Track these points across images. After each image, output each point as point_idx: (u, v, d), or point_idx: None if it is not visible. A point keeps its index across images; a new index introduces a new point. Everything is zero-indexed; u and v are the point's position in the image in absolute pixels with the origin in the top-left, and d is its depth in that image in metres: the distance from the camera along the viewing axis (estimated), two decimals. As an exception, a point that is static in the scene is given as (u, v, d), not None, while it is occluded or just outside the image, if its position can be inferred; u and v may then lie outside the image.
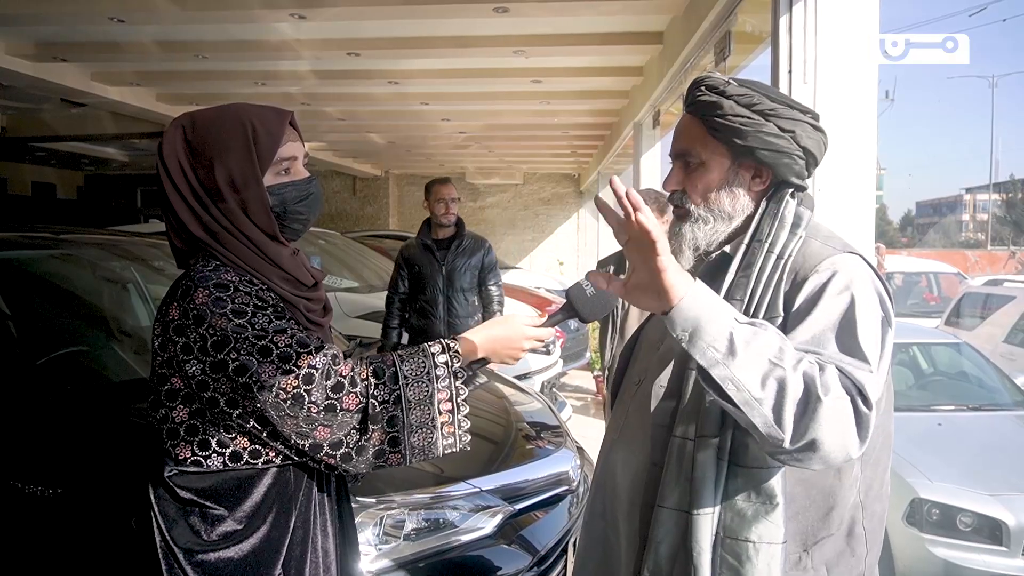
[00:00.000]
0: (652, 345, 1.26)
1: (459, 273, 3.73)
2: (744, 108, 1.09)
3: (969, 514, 3.11)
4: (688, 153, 1.16)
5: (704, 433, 1.05)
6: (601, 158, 10.40)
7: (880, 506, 1.14)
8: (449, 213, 3.74)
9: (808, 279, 1.05)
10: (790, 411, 0.91)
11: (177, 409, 1.13)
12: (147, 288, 2.85)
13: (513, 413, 2.68)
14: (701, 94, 1.13)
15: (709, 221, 1.15)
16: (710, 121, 1.11)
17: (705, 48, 3.56)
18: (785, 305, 1.06)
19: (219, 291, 1.10)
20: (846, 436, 0.93)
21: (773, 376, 0.92)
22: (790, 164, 1.11)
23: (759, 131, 1.09)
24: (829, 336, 1.00)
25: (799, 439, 0.92)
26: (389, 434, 1.10)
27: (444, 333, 3.73)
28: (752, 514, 1.03)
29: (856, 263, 1.07)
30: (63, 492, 1.68)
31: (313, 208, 1.25)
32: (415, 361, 1.14)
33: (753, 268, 1.08)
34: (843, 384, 0.94)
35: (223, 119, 1.18)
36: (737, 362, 0.93)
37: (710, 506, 1.03)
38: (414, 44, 5.07)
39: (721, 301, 0.99)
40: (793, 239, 1.09)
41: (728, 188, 1.14)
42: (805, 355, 0.96)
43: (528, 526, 2.05)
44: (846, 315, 1.01)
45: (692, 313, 0.95)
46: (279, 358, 1.07)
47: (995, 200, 43.54)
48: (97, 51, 5.34)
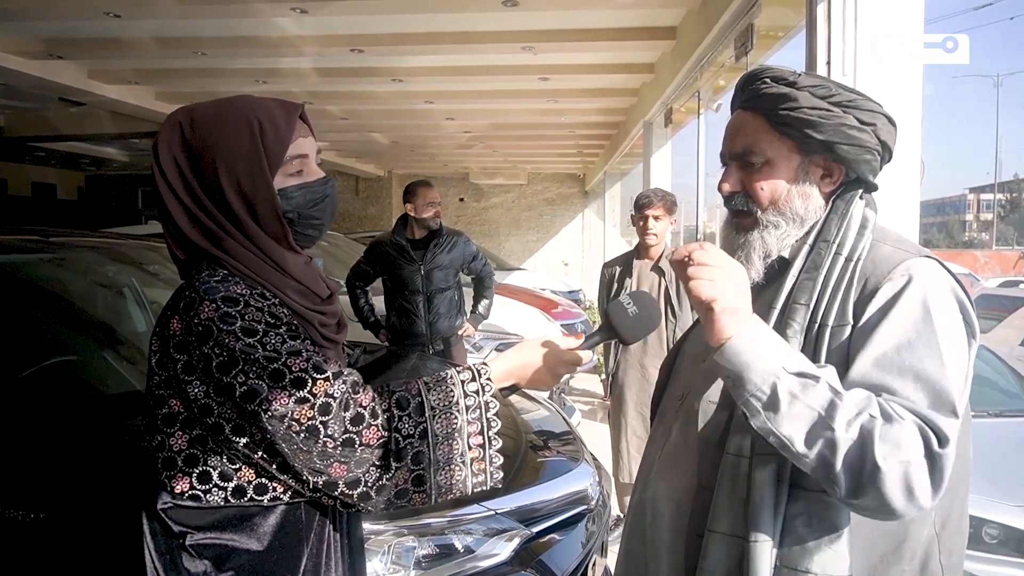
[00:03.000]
0: (696, 358, 1.16)
1: (439, 272, 3.73)
2: (821, 100, 1.00)
3: (995, 526, 2.99)
4: (750, 152, 1.06)
5: (762, 450, 0.96)
6: (608, 158, 10.32)
7: (960, 540, 1.04)
8: (438, 216, 3.74)
9: (881, 287, 0.96)
10: (841, 471, 0.86)
11: (176, 436, 1.01)
12: (144, 293, 2.73)
13: (521, 423, 2.55)
14: (767, 86, 1.03)
15: (780, 226, 1.05)
16: (777, 115, 1.02)
17: (724, 42, 3.44)
18: (855, 314, 0.97)
19: (227, 305, 0.97)
20: (916, 492, 0.85)
21: (821, 436, 0.87)
22: (870, 160, 1.03)
23: (841, 124, 1.00)
24: (907, 360, 0.90)
25: (858, 496, 0.87)
26: (414, 472, 0.98)
27: (426, 333, 3.73)
28: (814, 543, 0.94)
29: (933, 268, 0.98)
30: (46, 517, 1.55)
31: (329, 212, 1.12)
32: (443, 389, 1.02)
33: (820, 270, 0.99)
34: (920, 431, 0.86)
35: (226, 115, 1.04)
36: (779, 417, 0.88)
37: (769, 532, 0.94)
38: (419, 40, 4.99)
39: (775, 346, 0.93)
40: (861, 241, 1.01)
41: (799, 187, 1.05)
42: (868, 407, 0.88)
43: (547, 550, 1.93)
44: (924, 335, 0.91)
45: (737, 358, 0.91)
46: (292, 384, 0.95)
47: (999, 199, 43.53)
48: (94, 48, 5.28)
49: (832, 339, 0.96)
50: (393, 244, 3.73)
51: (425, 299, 3.70)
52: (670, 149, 6.21)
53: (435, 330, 3.74)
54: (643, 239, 3.23)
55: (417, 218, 3.70)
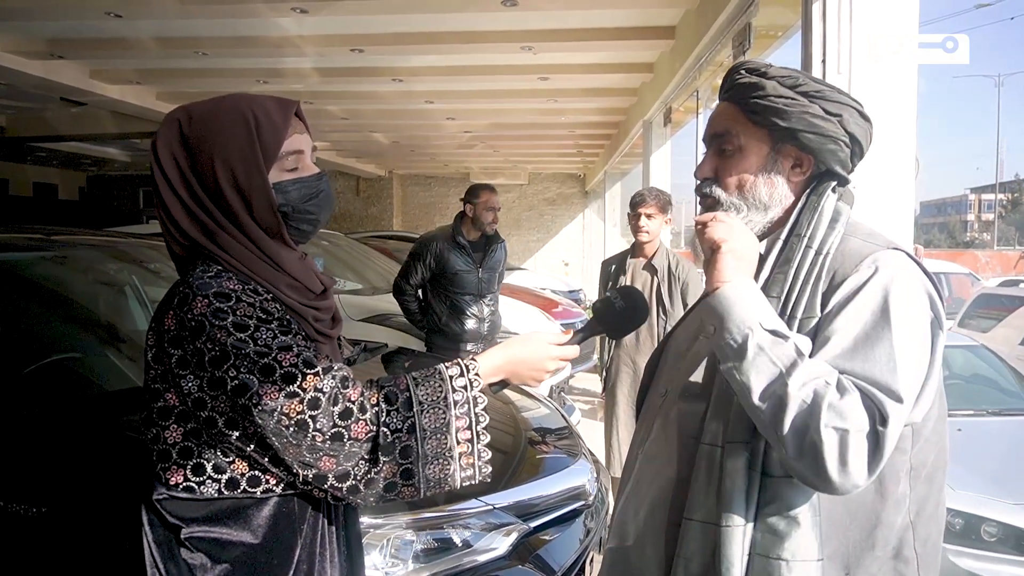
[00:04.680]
0: (679, 354, 1.20)
1: (491, 273, 3.71)
2: (787, 88, 1.04)
3: (994, 524, 3.01)
4: (724, 137, 1.10)
5: (734, 439, 1.00)
6: (608, 157, 10.34)
7: (936, 527, 1.06)
8: (496, 221, 3.69)
9: (848, 279, 0.99)
10: (788, 430, 0.90)
11: (170, 429, 1.03)
12: (145, 291, 2.74)
13: (521, 420, 2.57)
14: (741, 77, 1.08)
15: (742, 210, 1.09)
16: (749, 104, 1.06)
17: (722, 42, 3.46)
18: (823, 305, 1.00)
19: (219, 301, 0.99)
20: (850, 465, 0.88)
21: (775, 388, 0.92)
22: (835, 151, 1.06)
23: (804, 112, 1.03)
24: (860, 348, 0.94)
25: (800, 459, 0.90)
26: (402, 466, 1.00)
27: (484, 333, 3.70)
28: (784, 529, 0.96)
29: (900, 260, 1.00)
30: (48, 511, 1.57)
31: (324, 207, 1.14)
32: (431, 385, 1.04)
33: (791, 264, 1.03)
34: (867, 410, 0.89)
35: (222, 111, 1.07)
36: (745, 364, 0.94)
37: (740, 519, 0.97)
38: (419, 40, 5.00)
39: (759, 302, 0.98)
40: (832, 234, 1.04)
41: (766, 175, 1.08)
42: (827, 375, 0.92)
43: (544, 545, 1.94)
44: (879, 324, 0.94)
45: (723, 304, 0.98)
46: (282, 378, 0.97)
47: (1001, 200, 43.49)
48: (95, 48, 5.31)
49: (801, 330, 0.99)
50: (451, 242, 3.63)
51: (480, 300, 3.66)
52: (669, 148, 6.22)
53: (491, 330, 3.73)
54: (636, 237, 3.27)
55: (475, 219, 3.64)
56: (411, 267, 3.66)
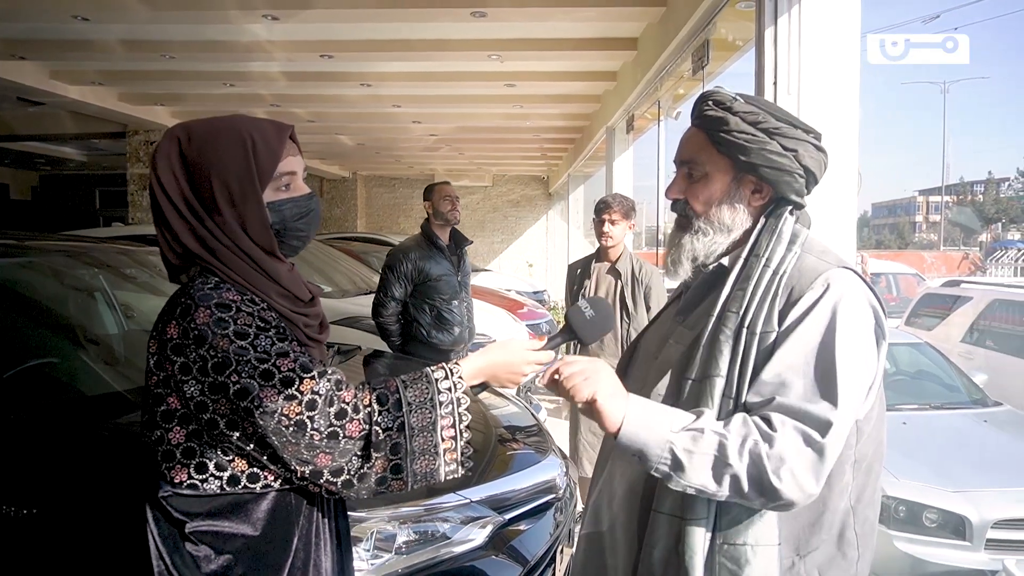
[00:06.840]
0: (650, 356, 1.28)
1: (467, 278, 3.63)
2: (749, 125, 1.13)
3: (934, 510, 3.18)
4: (693, 163, 1.19)
5: None
6: (571, 161, 10.45)
7: (872, 511, 1.18)
8: (455, 209, 3.56)
9: (803, 296, 1.08)
10: (750, 492, 1.01)
11: (174, 431, 1.10)
12: (115, 296, 2.76)
13: (491, 418, 2.65)
14: (708, 108, 1.16)
15: (709, 233, 1.18)
16: (715, 136, 1.15)
17: (683, 55, 3.59)
18: (780, 319, 1.08)
19: (221, 311, 1.07)
20: (805, 489, 1.01)
21: (724, 472, 1.01)
22: (791, 182, 1.15)
23: (763, 149, 1.12)
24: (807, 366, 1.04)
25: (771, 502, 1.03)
26: (392, 461, 1.09)
27: (466, 338, 3.59)
28: (747, 519, 1.07)
29: (848, 278, 1.10)
30: (39, 512, 1.61)
31: (313, 224, 1.22)
32: (418, 387, 1.12)
33: (750, 282, 1.11)
34: (800, 435, 1.01)
35: (222, 132, 1.13)
36: (687, 472, 1.02)
37: (703, 513, 1.07)
38: (390, 47, 5.03)
39: (658, 414, 1.06)
40: (789, 254, 1.13)
41: (729, 202, 1.18)
42: (749, 432, 1.02)
43: (518, 536, 2.03)
44: (824, 341, 1.05)
45: (634, 439, 1.04)
46: (281, 382, 1.04)
47: (947, 202, 45.05)
48: (59, 49, 5.20)
49: (760, 343, 1.08)
50: (428, 248, 3.49)
51: (462, 304, 3.55)
52: (632, 154, 6.35)
53: (470, 335, 3.62)
54: (601, 242, 3.36)
55: (436, 213, 3.53)
56: (390, 281, 3.48)
